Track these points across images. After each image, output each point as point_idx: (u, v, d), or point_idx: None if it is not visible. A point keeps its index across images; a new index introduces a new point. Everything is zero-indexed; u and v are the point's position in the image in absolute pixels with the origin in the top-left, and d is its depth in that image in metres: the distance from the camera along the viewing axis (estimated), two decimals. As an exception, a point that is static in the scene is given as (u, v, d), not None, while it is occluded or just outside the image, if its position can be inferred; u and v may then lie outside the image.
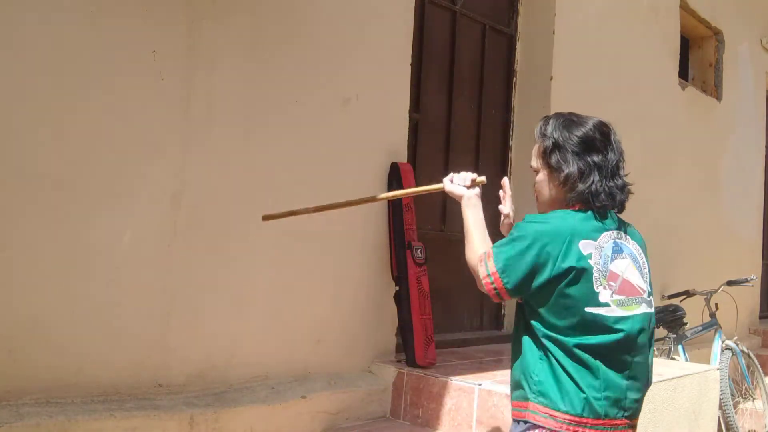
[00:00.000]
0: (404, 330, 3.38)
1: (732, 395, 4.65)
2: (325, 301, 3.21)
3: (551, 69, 4.52)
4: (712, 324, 4.88)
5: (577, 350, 1.79)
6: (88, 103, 2.46)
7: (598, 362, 1.79)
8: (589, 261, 1.79)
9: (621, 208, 1.92)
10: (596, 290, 1.79)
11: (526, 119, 4.62)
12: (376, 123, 3.45)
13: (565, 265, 1.77)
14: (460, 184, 2.15)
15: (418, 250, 3.43)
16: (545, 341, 1.83)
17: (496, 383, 2.99)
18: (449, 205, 4.17)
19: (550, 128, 1.93)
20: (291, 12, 3.08)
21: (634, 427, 1.87)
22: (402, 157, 3.60)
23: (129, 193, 2.57)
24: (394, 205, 3.47)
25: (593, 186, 1.84)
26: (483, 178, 2.15)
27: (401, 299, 3.40)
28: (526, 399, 1.84)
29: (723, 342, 4.80)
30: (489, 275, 1.85)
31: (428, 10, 4.05)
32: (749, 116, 7.22)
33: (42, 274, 2.37)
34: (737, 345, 4.85)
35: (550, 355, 1.82)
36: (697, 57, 6.81)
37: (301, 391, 2.96)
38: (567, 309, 1.79)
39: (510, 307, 4.46)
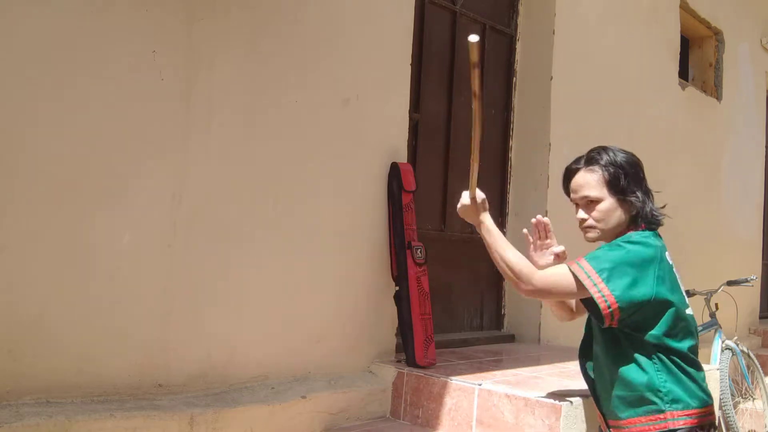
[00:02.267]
0: (404, 330, 3.38)
1: (732, 395, 4.65)
2: (325, 301, 3.21)
3: (551, 69, 4.52)
4: (712, 324, 4.88)
5: (684, 350, 2.02)
6: (88, 103, 2.47)
7: (695, 358, 2.05)
8: (674, 270, 2.10)
9: None
10: (684, 295, 2.09)
11: (526, 119, 4.62)
12: (376, 123, 3.46)
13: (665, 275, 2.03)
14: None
15: (418, 250, 3.43)
16: (658, 351, 2.01)
17: (496, 383, 2.99)
18: (449, 205, 4.18)
19: (611, 158, 2.10)
20: (291, 12, 3.08)
21: None
22: (402, 157, 3.60)
23: (129, 193, 2.57)
24: (394, 205, 3.47)
25: (653, 209, 2.12)
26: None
27: (401, 299, 3.40)
28: (662, 411, 1.99)
29: (723, 342, 4.79)
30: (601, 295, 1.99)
31: (428, 10, 4.06)
32: (749, 116, 7.22)
33: (42, 273, 2.37)
34: (737, 345, 4.85)
35: (665, 361, 2.00)
36: (697, 57, 6.81)
37: (301, 391, 2.96)
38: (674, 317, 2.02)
39: (510, 307, 4.47)
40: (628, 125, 5.22)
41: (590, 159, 2.13)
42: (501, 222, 4.55)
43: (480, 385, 2.99)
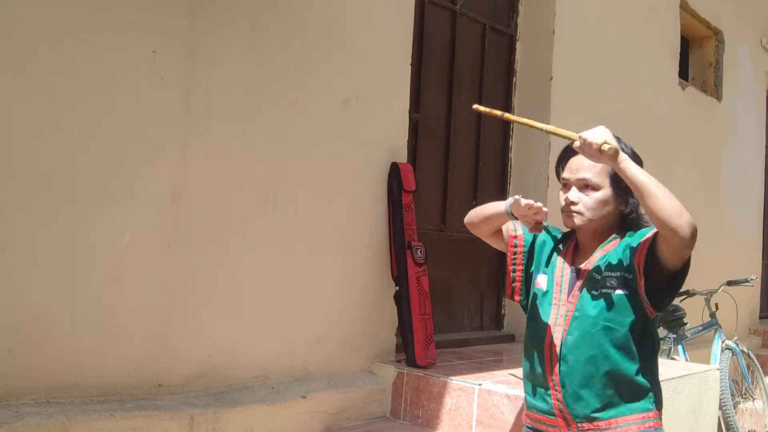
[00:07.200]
0: (404, 330, 3.38)
1: (732, 395, 4.65)
2: (325, 301, 3.21)
3: (551, 69, 4.52)
4: (712, 324, 4.88)
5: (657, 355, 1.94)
6: (88, 103, 2.47)
7: None
8: None
9: None
10: None
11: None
12: (376, 123, 3.45)
13: None
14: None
15: (418, 250, 3.43)
16: (653, 344, 1.91)
17: (496, 383, 2.99)
18: (449, 205, 4.17)
19: (622, 149, 1.84)
20: (291, 12, 3.08)
21: None
22: (402, 157, 3.60)
23: (129, 193, 2.57)
24: (394, 205, 3.47)
25: (642, 215, 1.90)
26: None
27: (401, 299, 3.40)
28: (653, 409, 1.86)
29: (723, 342, 4.79)
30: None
31: (428, 10, 4.05)
32: (749, 116, 7.22)
33: (42, 274, 2.37)
34: (737, 345, 4.85)
35: (653, 360, 1.89)
36: (697, 57, 6.81)
37: (301, 391, 2.96)
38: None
39: (510, 306, 4.46)
40: (628, 125, 5.21)
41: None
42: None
43: (480, 385, 2.99)
